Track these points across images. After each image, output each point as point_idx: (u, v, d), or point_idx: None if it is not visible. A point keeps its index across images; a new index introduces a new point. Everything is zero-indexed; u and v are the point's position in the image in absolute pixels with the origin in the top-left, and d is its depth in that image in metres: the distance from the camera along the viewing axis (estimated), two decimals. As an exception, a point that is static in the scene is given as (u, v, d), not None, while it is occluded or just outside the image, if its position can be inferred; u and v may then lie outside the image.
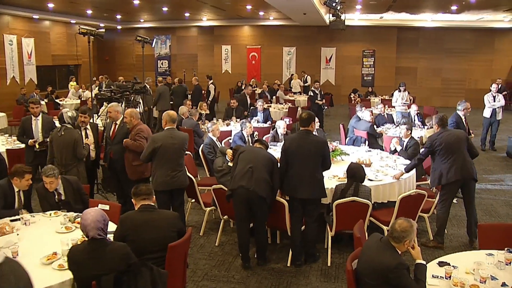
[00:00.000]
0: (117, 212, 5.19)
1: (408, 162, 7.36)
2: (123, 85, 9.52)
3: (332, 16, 15.92)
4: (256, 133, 8.99)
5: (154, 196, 4.58)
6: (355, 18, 21.15)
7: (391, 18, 20.82)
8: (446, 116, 6.51)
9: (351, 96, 18.48)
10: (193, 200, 6.99)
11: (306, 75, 21.22)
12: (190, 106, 12.05)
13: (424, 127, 11.05)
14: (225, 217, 6.34)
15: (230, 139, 9.08)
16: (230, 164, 6.42)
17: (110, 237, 4.23)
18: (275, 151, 8.08)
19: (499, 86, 16.02)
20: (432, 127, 9.88)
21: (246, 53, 24.44)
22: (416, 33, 22.50)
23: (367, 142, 9.38)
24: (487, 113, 12.48)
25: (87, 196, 5.79)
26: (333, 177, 6.50)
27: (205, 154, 8.15)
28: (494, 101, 12.37)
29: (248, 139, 8.75)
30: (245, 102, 14.18)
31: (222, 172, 6.62)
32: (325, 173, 6.38)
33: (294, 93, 19.46)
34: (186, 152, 7.90)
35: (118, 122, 7.24)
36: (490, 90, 12.64)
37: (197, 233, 6.80)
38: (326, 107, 15.62)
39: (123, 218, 4.35)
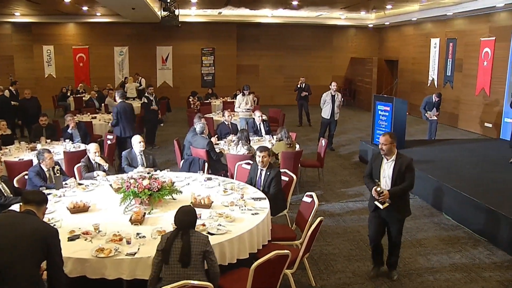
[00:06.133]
0: None
1: (261, 196, 5.74)
2: None
3: (164, 11, 14.12)
4: (57, 167, 6.57)
5: None
6: (192, 13, 19.64)
7: (230, 13, 19.72)
8: None
9: (190, 99, 16.53)
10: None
11: (140, 78, 18.97)
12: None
13: (272, 137, 9.61)
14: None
15: (27, 175, 6.58)
16: None
17: None
18: (85, 189, 6.01)
19: (303, 84, 15.83)
20: (282, 140, 8.47)
21: (72, 54, 21.43)
22: (257, 30, 21.79)
23: (206, 164, 7.46)
24: (325, 113, 12.06)
25: None
26: (158, 233, 4.53)
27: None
28: (333, 100, 11.86)
29: (50, 175, 6.49)
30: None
31: None
32: (146, 229, 4.57)
33: (128, 98, 17.18)
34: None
35: None
36: (330, 88, 11.95)
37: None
38: (160, 117, 13.82)
39: None
